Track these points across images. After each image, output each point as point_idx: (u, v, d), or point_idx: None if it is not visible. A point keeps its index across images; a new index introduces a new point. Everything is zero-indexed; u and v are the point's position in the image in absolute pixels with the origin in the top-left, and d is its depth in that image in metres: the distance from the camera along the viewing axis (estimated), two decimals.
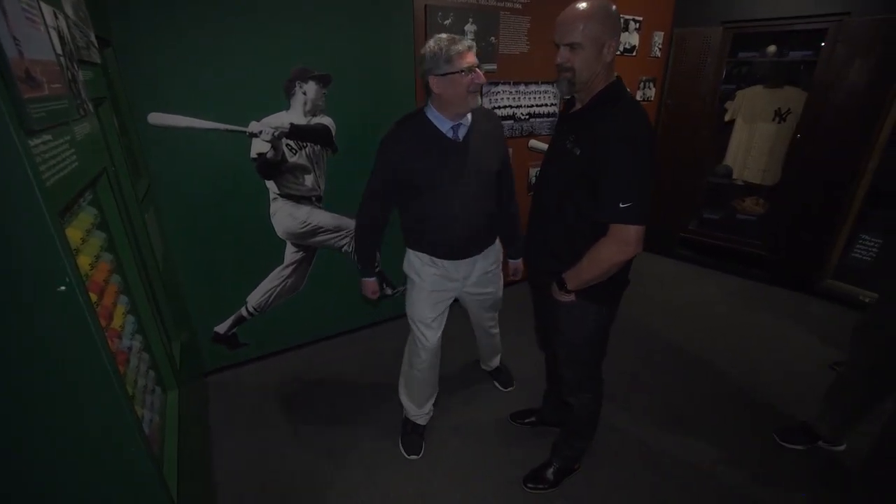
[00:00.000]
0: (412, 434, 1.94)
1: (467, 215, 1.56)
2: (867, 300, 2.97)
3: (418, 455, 1.89)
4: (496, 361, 2.31)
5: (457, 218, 1.55)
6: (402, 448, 1.91)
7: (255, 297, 2.32)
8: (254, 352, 2.45)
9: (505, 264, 1.91)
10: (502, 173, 1.67)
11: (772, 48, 3.30)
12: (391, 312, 2.86)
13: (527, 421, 2.03)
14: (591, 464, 1.83)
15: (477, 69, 1.40)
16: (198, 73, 1.84)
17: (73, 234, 0.93)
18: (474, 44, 1.48)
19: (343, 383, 2.32)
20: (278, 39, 1.96)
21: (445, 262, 1.65)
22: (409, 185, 1.52)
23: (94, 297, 0.96)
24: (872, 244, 2.99)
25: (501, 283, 1.89)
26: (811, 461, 1.86)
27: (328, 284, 2.52)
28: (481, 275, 1.75)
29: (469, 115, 1.52)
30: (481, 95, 1.50)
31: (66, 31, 0.93)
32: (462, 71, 1.37)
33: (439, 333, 1.79)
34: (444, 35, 1.41)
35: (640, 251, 1.21)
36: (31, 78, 0.70)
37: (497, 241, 1.79)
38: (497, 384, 2.30)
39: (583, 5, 1.17)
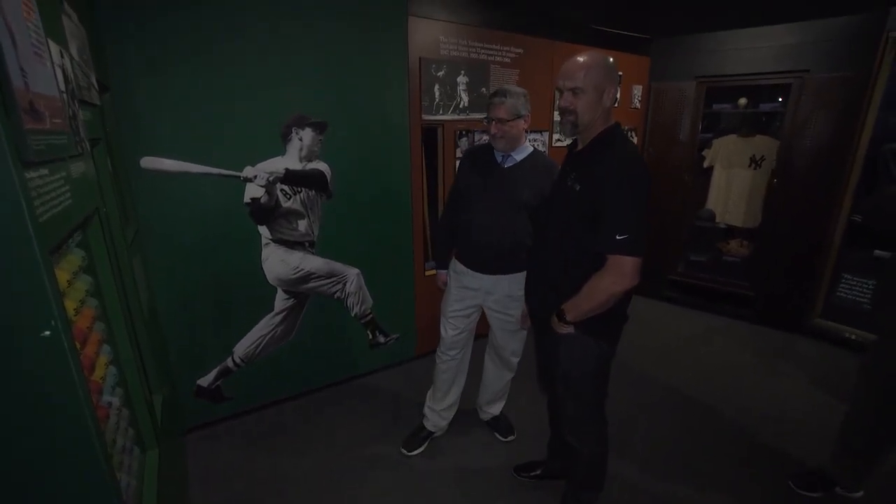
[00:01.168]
0: (417, 436, 2.08)
1: (486, 229, 1.76)
2: (853, 337, 3.00)
3: (410, 452, 2.03)
4: (497, 408, 2.21)
5: (477, 227, 1.78)
6: (402, 443, 2.06)
7: (242, 347, 2.20)
8: (240, 405, 2.29)
9: None
10: None
11: (742, 100, 3.53)
12: (385, 361, 2.75)
13: (533, 474, 1.91)
14: None
15: (495, 122, 1.69)
16: (193, 119, 1.84)
17: (60, 275, 0.87)
18: (505, 100, 1.68)
19: (333, 437, 2.17)
20: (275, 87, 1.99)
21: (466, 271, 1.86)
22: (462, 189, 1.85)
23: (77, 345, 0.88)
24: (855, 283, 3.06)
25: None
26: None
27: (320, 332, 2.42)
28: (504, 296, 1.85)
29: (523, 154, 1.77)
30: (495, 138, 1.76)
31: (69, 69, 0.92)
32: (487, 119, 1.73)
33: (456, 334, 1.95)
34: (502, 86, 1.72)
35: (636, 283, 1.26)
36: (35, 110, 0.67)
37: None
38: (497, 434, 2.18)
39: (585, 56, 1.28)
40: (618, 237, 1.21)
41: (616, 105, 1.37)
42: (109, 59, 1.63)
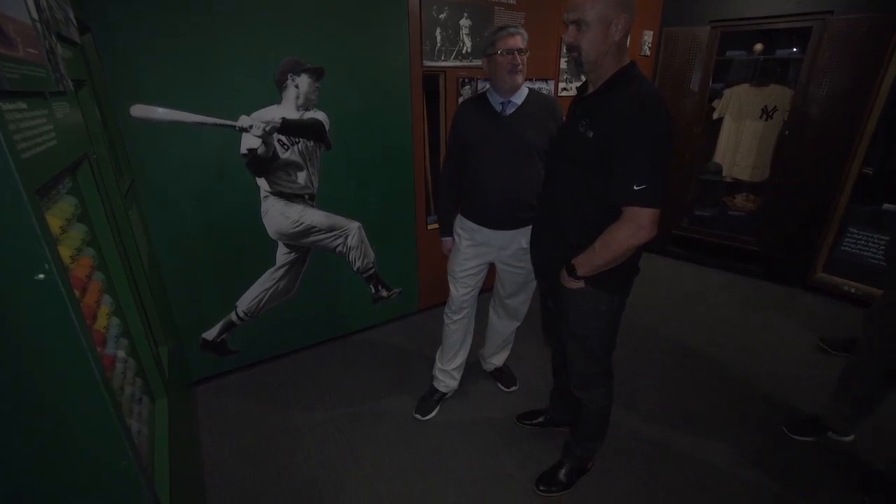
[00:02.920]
0: (430, 399, 2.07)
1: (498, 183, 1.68)
2: (854, 291, 3.01)
3: (423, 416, 2.02)
4: (501, 359, 2.24)
5: (487, 182, 1.69)
6: (415, 409, 2.05)
7: (245, 301, 2.20)
8: (244, 359, 2.32)
9: None
10: None
11: (758, 46, 3.35)
12: (387, 315, 2.77)
13: (535, 422, 1.96)
14: (604, 465, 1.77)
15: (517, 52, 1.55)
16: (184, 64, 1.74)
17: (52, 222, 0.83)
18: (519, 30, 1.57)
19: (340, 390, 2.22)
20: (269, 30, 1.87)
21: (480, 228, 1.78)
22: (464, 147, 1.72)
23: (76, 293, 0.86)
24: (861, 237, 3.03)
25: None
26: (822, 452, 1.83)
27: (322, 287, 2.42)
28: (518, 249, 1.79)
29: (522, 96, 1.66)
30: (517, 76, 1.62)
31: None
32: (500, 52, 1.56)
33: (467, 293, 1.90)
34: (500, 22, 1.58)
35: (654, 235, 1.18)
36: (3, 34, 0.61)
37: None
38: (500, 385, 2.23)
39: None
40: (635, 187, 1.12)
41: (628, 40, 1.25)
42: None
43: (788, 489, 1.68)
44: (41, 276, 0.63)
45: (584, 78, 1.32)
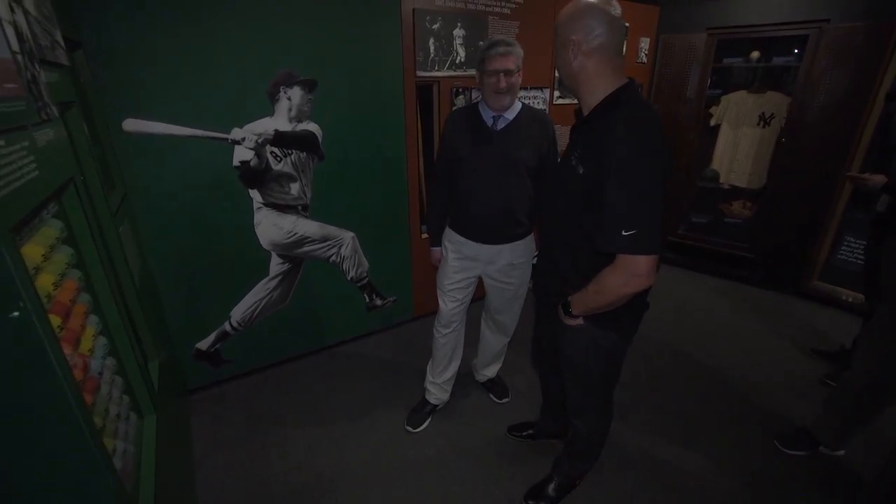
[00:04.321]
0: (421, 411, 2.07)
1: (485, 198, 1.66)
2: (849, 299, 3.00)
3: (414, 429, 2.02)
4: (493, 370, 2.24)
5: (474, 196, 1.67)
6: (406, 421, 2.05)
7: (239, 312, 2.21)
8: (239, 368, 2.34)
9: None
10: (541, 175, 1.69)
11: (755, 54, 3.35)
12: (382, 324, 2.78)
13: (525, 434, 1.96)
14: (594, 479, 1.77)
15: (502, 75, 1.51)
16: (176, 77, 1.75)
17: (33, 250, 0.84)
18: (511, 49, 1.52)
19: (333, 400, 2.22)
20: (262, 42, 1.88)
21: (467, 241, 1.76)
22: (452, 159, 1.69)
23: (58, 319, 0.87)
24: (857, 245, 3.02)
25: (527, 279, 1.87)
26: (813, 466, 1.83)
27: (316, 296, 2.43)
28: (506, 265, 1.79)
29: (514, 111, 1.64)
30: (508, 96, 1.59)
31: (25, 27, 0.85)
32: (487, 73, 1.54)
33: (456, 306, 1.89)
34: (496, 36, 1.57)
35: (651, 283, 1.06)
36: None
37: (531, 238, 1.82)
38: (492, 396, 2.23)
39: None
40: (624, 233, 0.98)
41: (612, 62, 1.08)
42: (79, 10, 1.52)
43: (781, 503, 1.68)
44: (16, 314, 0.63)
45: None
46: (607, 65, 1.09)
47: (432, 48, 2.35)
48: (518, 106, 1.66)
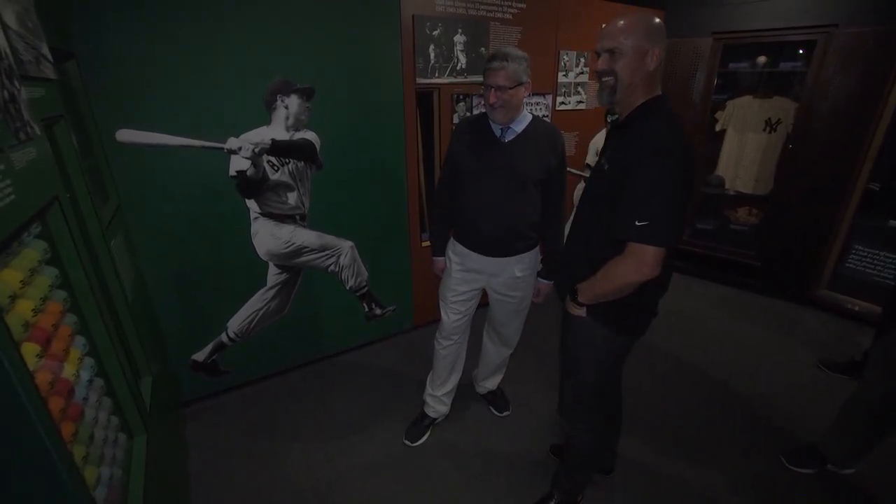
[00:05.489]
0: (420, 424, 2.04)
1: (491, 210, 1.63)
2: (858, 309, 2.94)
3: (413, 443, 1.98)
4: (494, 382, 2.20)
5: (480, 208, 1.64)
6: (405, 435, 2.01)
7: (236, 323, 2.18)
8: (236, 379, 2.31)
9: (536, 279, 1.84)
10: (548, 188, 1.66)
11: (762, 59, 3.29)
12: (382, 333, 2.74)
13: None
14: (595, 496, 1.73)
15: (493, 90, 1.49)
16: (170, 86, 1.72)
17: (11, 276, 0.81)
18: (505, 64, 1.47)
19: (331, 412, 2.19)
20: (259, 50, 1.85)
21: (471, 254, 1.72)
22: (458, 169, 1.66)
23: (37, 348, 0.84)
24: (866, 254, 2.97)
25: (531, 292, 1.83)
26: (821, 485, 1.78)
27: (315, 306, 2.39)
28: (510, 278, 1.75)
29: (523, 123, 1.60)
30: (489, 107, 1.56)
31: (3, 42, 0.82)
32: (483, 85, 1.54)
33: (458, 319, 1.85)
34: (499, 48, 1.52)
35: (656, 274, 1.14)
36: None
37: (536, 251, 1.78)
38: (492, 409, 2.19)
39: (625, 16, 1.15)
40: (637, 223, 1.09)
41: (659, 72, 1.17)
42: (71, 20, 1.49)
43: None
44: None
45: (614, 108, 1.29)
46: (657, 75, 1.18)
47: (432, 54, 2.32)
48: (528, 118, 1.62)
